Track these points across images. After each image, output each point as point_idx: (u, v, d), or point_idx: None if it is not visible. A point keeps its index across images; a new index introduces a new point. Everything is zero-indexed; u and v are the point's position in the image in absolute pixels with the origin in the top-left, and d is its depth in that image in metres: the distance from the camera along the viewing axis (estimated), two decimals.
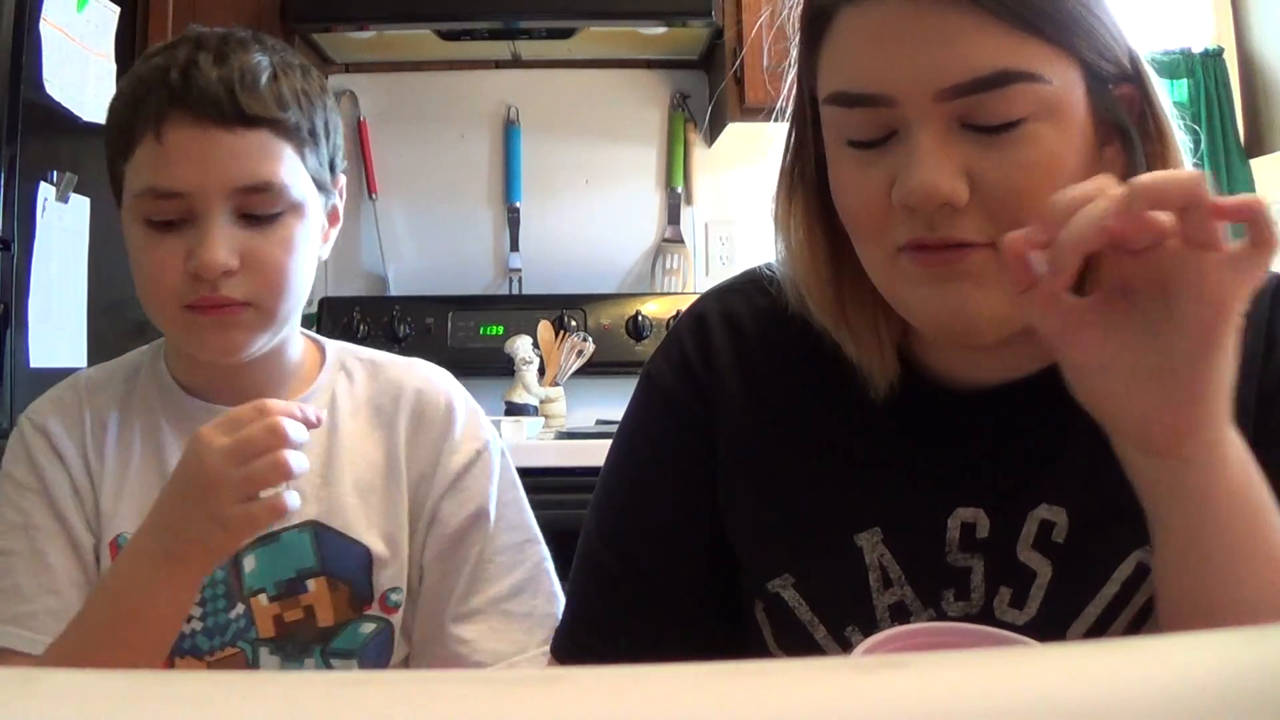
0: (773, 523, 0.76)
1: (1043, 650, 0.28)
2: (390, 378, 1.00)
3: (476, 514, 0.96)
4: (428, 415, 0.98)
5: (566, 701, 0.25)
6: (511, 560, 0.96)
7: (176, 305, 0.88)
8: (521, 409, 2.23)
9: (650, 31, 2.36)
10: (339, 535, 0.93)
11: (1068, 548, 0.70)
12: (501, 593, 0.95)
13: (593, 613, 0.80)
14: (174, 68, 0.86)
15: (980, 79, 0.61)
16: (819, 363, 0.75)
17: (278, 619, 0.92)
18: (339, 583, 0.93)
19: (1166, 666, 0.26)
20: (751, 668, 0.25)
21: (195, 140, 0.85)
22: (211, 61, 0.86)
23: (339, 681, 0.27)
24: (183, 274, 0.87)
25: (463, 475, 0.97)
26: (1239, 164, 2.37)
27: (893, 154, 0.64)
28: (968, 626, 0.60)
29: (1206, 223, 0.53)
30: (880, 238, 0.66)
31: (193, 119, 0.85)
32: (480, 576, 0.95)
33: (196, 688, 0.25)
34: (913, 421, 0.73)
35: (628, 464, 0.81)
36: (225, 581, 0.92)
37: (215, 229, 0.86)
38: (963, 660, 0.27)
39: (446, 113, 2.54)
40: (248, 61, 0.87)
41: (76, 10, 1.89)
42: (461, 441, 0.98)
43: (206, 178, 0.85)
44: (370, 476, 0.96)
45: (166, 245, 0.87)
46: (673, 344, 0.81)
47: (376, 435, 0.97)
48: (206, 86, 0.85)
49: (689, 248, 2.54)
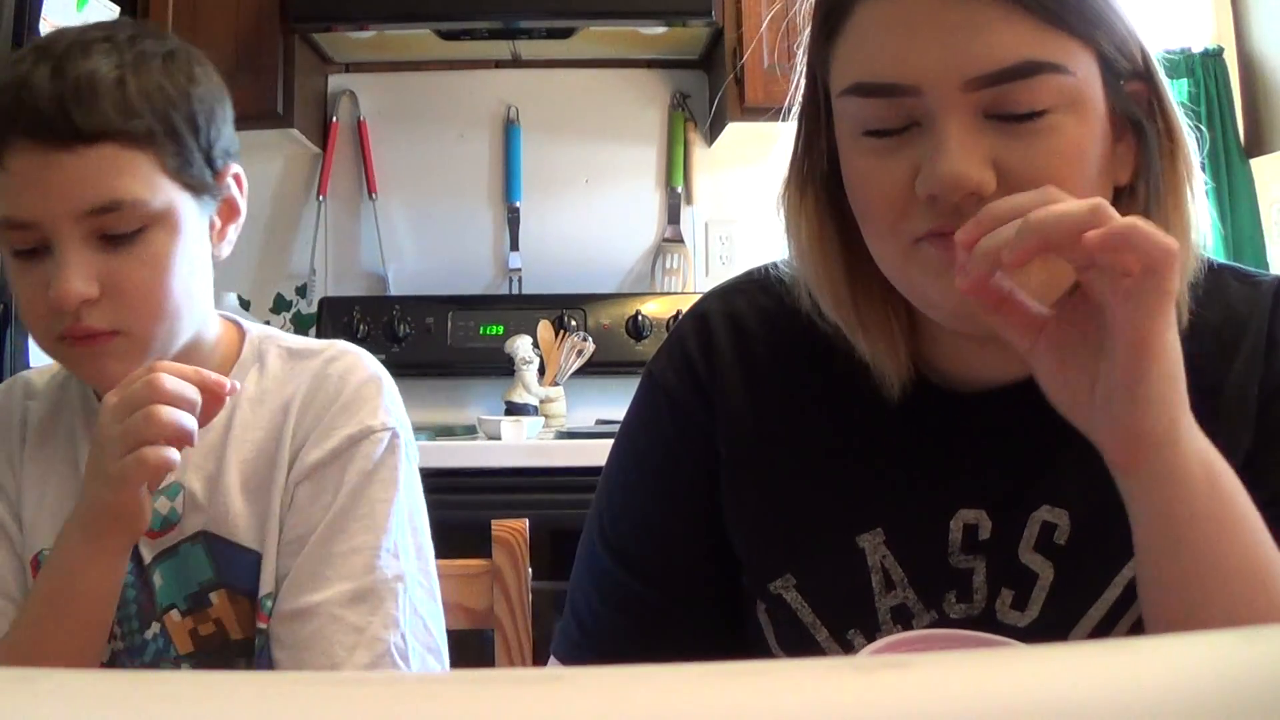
0: (774, 523, 0.76)
1: (1042, 650, 0.28)
2: (306, 365, 0.93)
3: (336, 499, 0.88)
4: (324, 388, 0.91)
5: (566, 701, 0.25)
6: (362, 566, 0.86)
7: (50, 337, 0.84)
8: (521, 409, 2.23)
9: (650, 31, 2.36)
10: (228, 543, 0.89)
11: (1069, 550, 0.70)
12: (336, 597, 0.85)
13: (592, 611, 0.80)
14: (11, 87, 0.80)
15: (1007, 69, 0.61)
16: (822, 363, 0.75)
17: (193, 633, 0.89)
18: (238, 595, 0.89)
19: (1165, 666, 0.26)
20: (752, 668, 0.25)
21: (35, 165, 0.79)
22: (48, 76, 0.79)
23: (338, 681, 0.27)
24: (48, 305, 0.81)
25: (343, 450, 0.88)
26: (1239, 164, 2.37)
27: (914, 145, 0.64)
28: (972, 634, 0.60)
29: (1089, 256, 0.55)
30: (897, 229, 0.65)
31: (30, 142, 0.79)
32: (321, 573, 0.86)
33: (195, 688, 0.25)
34: (915, 422, 0.73)
35: (629, 464, 0.81)
36: (137, 601, 0.89)
37: (68, 257, 0.80)
38: (963, 660, 0.27)
39: (446, 113, 2.54)
40: (85, 70, 0.80)
41: (76, 10, 1.89)
42: (354, 414, 0.90)
43: (50, 204, 0.80)
44: (253, 469, 0.90)
45: (33, 276, 0.82)
46: (675, 344, 0.81)
47: (268, 418, 0.91)
48: (39, 106, 0.79)
49: (689, 247, 2.54)
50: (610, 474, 0.82)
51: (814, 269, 0.73)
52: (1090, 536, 0.70)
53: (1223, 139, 2.35)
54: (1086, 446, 0.67)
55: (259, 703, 0.25)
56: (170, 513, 0.89)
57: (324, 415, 0.90)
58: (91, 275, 0.81)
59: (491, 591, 1.06)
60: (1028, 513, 0.71)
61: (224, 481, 0.89)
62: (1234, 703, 0.24)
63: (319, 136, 2.51)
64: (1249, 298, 0.72)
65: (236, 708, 0.24)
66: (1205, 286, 0.69)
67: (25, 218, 0.80)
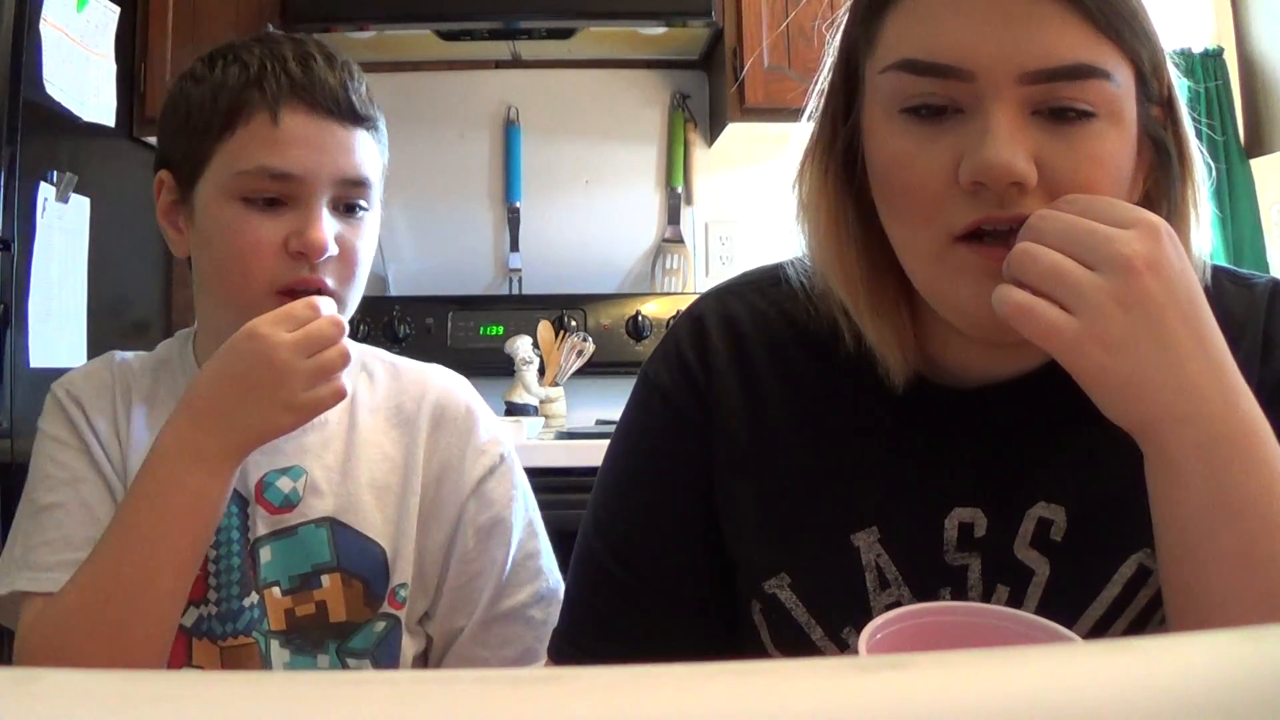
0: (769, 523, 0.76)
1: (1042, 650, 0.28)
2: (412, 379, 1.03)
3: (497, 519, 0.99)
4: (449, 415, 1.00)
5: (566, 701, 0.25)
6: (536, 568, 1.00)
7: (268, 289, 0.89)
8: (521, 409, 2.23)
9: (650, 31, 2.36)
10: (355, 533, 0.95)
11: (1066, 547, 0.70)
12: (525, 600, 0.98)
13: (590, 614, 0.80)
14: (287, 60, 0.91)
15: (1064, 67, 0.62)
16: (817, 364, 0.75)
17: (289, 613, 0.93)
18: (353, 579, 0.94)
19: (1166, 666, 0.26)
20: (752, 668, 0.25)
21: (313, 128, 0.90)
22: (324, 60, 0.92)
23: (338, 681, 0.27)
24: (279, 256, 0.89)
25: (486, 479, 0.99)
26: (1239, 164, 2.37)
27: (955, 132, 0.64)
28: (972, 605, 0.60)
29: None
30: (933, 222, 0.65)
31: (309, 109, 0.90)
32: (509, 582, 0.98)
33: (196, 688, 0.25)
34: (909, 420, 0.73)
35: (625, 465, 0.81)
36: (240, 569, 0.92)
37: (321, 213, 0.90)
38: (963, 660, 0.27)
39: (446, 113, 2.54)
40: (349, 65, 0.94)
41: (76, 10, 1.89)
42: (486, 446, 1.00)
43: (320, 164, 0.90)
44: (385, 473, 0.97)
45: (266, 226, 0.89)
46: (670, 345, 0.81)
47: (395, 434, 0.99)
48: (326, 80, 0.91)
49: (689, 248, 2.54)
50: (606, 475, 0.82)
51: (830, 251, 0.72)
52: (1088, 533, 0.70)
53: (1223, 139, 2.35)
54: (1084, 442, 0.67)
55: (259, 703, 0.25)
56: (292, 493, 0.94)
57: (464, 439, 0.99)
58: (333, 235, 0.91)
59: None
60: (1024, 509, 0.71)
61: (353, 476, 0.96)
62: (1234, 703, 0.24)
63: None
64: (1245, 299, 0.72)
65: (237, 708, 0.24)
66: None
67: (292, 170, 0.89)
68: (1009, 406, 0.71)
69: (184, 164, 0.93)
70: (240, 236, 0.90)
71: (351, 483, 0.96)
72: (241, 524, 0.93)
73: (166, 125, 0.96)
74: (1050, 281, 0.58)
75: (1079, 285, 0.57)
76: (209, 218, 0.92)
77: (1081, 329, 0.57)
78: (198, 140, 0.92)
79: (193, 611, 0.90)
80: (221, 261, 0.91)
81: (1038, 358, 0.70)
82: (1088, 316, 0.57)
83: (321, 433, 0.97)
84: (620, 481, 0.81)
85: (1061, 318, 0.57)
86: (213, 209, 0.91)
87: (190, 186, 0.93)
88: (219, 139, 0.91)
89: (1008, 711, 0.24)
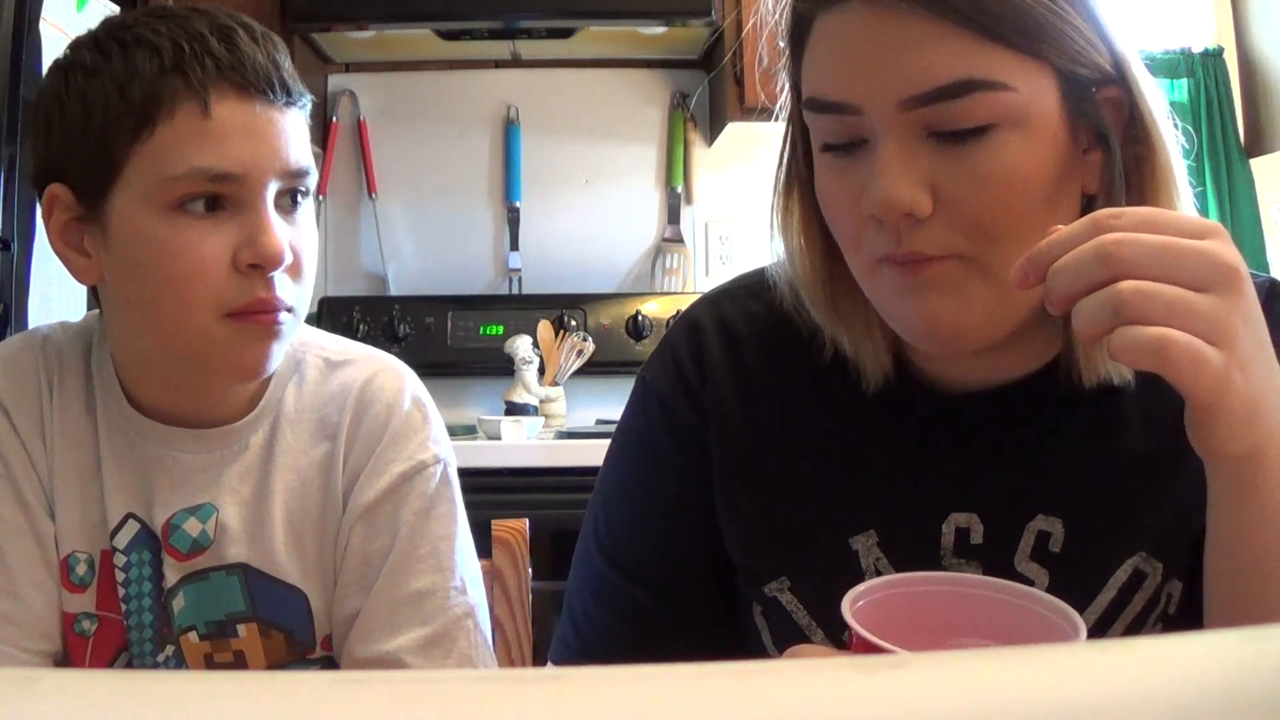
0: (769, 526, 0.76)
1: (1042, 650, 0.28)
2: (341, 380, 0.90)
3: (395, 541, 0.86)
4: (370, 415, 0.88)
5: (566, 701, 0.25)
6: (433, 609, 0.85)
7: (215, 313, 0.77)
8: (521, 409, 2.23)
9: (650, 31, 2.36)
10: (271, 580, 0.85)
11: (1064, 556, 0.70)
12: (410, 644, 0.84)
13: (589, 618, 0.80)
14: (206, 38, 0.77)
15: (941, 88, 0.60)
16: (814, 367, 0.76)
17: (208, 657, 0.85)
18: (273, 630, 0.85)
19: (1167, 666, 0.26)
20: (752, 668, 0.25)
21: (249, 115, 0.77)
22: (245, 33, 0.79)
23: (338, 681, 0.27)
24: (228, 274, 0.77)
25: (396, 488, 0.86)
26: (1239, 164, 2.37)
27: (863, 164, 0.64)
28: (948, 575, 0.60)
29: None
30: (860, 248, 0.66)
31: (241, 93, 0.77)
32: (392, 620, 0.84)
33: (196, 688, 0.25)
34: (907, 424, 0.74)
35: (623, 470, 0.81)
36: (154, 625, 0.85)
37: (270, 214, 0.77)
38: (963, 660, 0.27)
39: (446, 112, 2.54)
40: (270, 35, 0.81)
41: (76, 10, 1.89)
42: (404, 447, 0.87)
43: (261, 157, 0.77)
44: (304, 505, 0.86)
45: (210, 241, 0.76)
46: (666, 350, 0.81)
47: (317, 451, 0.87)
48: (254, 57, 0.77)
49: (689, 247, 2.54)
50: (605, 480, 0.82)
51: (802, 270, 0.73)
52: (1085, 542, 0.70)
53: (1223, 139, 2.35)
54: (1079, 451, 0.67)
55: (259, 703, 0.25)
56: (201, 535, 0.84)
57: (374, 447, 0.87)
58: (284, 240, 0.79)
59: (492, 592, 1.06)
60: (1023, 523, 0.71)
61: (267, 512, 0.85)
62: (1235, 703, 0.24)
63: (319, 136, 2.51)
64: None
65: (237, 708, 0.24)
66: None
67: (231, 168, 0.76)
68: (1003, 412, 0.71)
69: (86, 174, 0.78)
70: (179, 257, 0.76)
71: (267, 522, 0.85)
72: (155, 572, 0.85)
73: (52, 130, 0.80)
74: (1180, 317, 0.52)
75: (1210, 315, 0.52)
76: (131, 236, 0.77)
77: (1227, 358, 0.52)
78: (105, 144, 0.77)
79: (123, 656, 0.85)
80: (156, 286, 0.77)
81: (1019, 366, 0.71)
82: (1228, 344, 0.52)
83: (239, 463, 0.86)
84: (618, 487, 0.81)
85: (1205, 349, 0.52)
86: (135, 225, 0.77)
87: (98, 200, 0.78)
88: (134, 140, 0.76)
89: (1008, 712, 0.24)
